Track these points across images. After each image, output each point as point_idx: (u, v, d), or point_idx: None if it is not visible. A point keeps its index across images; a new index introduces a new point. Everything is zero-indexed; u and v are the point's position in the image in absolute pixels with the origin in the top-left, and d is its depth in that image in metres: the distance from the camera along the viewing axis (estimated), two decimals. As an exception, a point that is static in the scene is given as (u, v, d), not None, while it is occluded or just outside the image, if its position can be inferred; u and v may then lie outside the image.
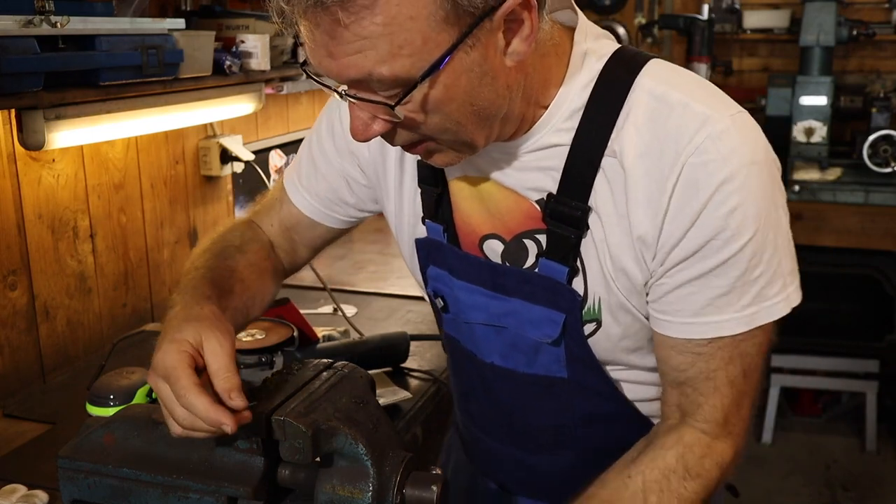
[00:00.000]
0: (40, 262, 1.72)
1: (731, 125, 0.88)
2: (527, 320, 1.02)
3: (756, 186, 0.88)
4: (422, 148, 0.91)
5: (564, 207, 0.94)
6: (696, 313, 0.93)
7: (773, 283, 0.92)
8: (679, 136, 0.88)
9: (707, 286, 0.91)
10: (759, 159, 0.89)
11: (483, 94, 0.85)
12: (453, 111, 0.85)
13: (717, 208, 0.87)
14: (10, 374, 1.66)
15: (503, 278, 1.02)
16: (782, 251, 0.93)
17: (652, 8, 3.89)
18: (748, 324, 0.93)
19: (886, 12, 3.61)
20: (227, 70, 1.91)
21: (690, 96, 0.90)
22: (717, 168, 0.87)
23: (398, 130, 0.88)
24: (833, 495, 3.28)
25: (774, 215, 0.91)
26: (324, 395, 0.91)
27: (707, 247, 0.89)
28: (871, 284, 3.34)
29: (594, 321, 1.00)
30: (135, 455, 0.95)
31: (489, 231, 1.03)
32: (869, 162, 3.21)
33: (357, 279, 2.34)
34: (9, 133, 1.61)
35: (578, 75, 0.93)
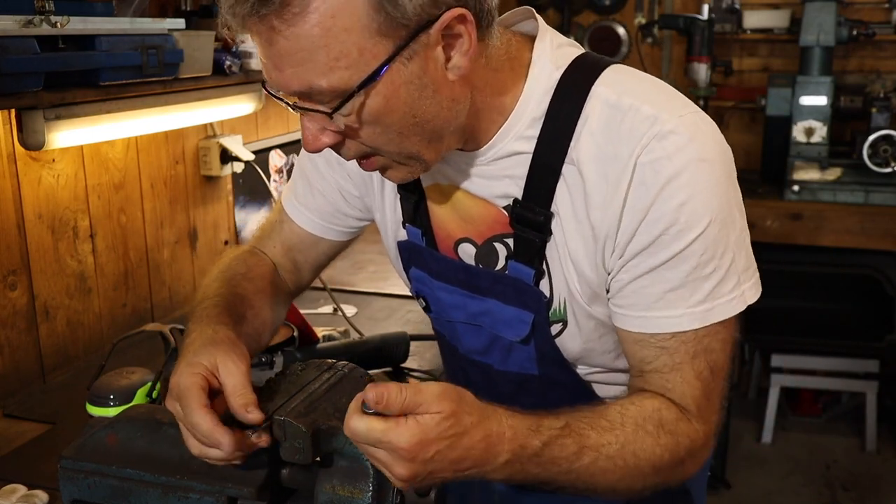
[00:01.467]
0: (40, 262, 1.72)
1: (679, 125, 0.91)
2: (500, 320, 1.06)
3: (705, 182, 0.91)
4: (373, 162, 0.94)
5: (529, 213, 0.98)
6: (650, 307, 0.95)
7: (727, 280, 0.95)
8: (630, 138, 0.91)
9: (659, 279, 0.94)
10: (709, 157, 0.92)
11: (425, 106, 0.88)
12: (394, 123, 0.88)
13: (665, 202, 0.90)
14: (10, 374, 1.66)
15: (477, 279, 1.07)
16: (736, 248, 0.95)
17: (652, 8, 3.89)
18: (702, 320, 0.95)
19: (886, 12, 3.61)
20: (227, 70, 1.91)
21: (641, 100, 0.93)
22: (663, 165, 0.90)
23: (346, 143, 0.91)
24: (833, 495, 3.28)
25: (727, 212, 0.93)
26: (324, 395, 0.92)
27: (658, 240, 0.92)
28: (871, 284, 3.33)
29: (560, 321, 1.04)
30: (138, 455, 0.95)
31: (462, 235, 1.08)
32: (869, 162, 3.20)
33: (357, 279, 2.34)
34: (9, 133, 1.61)
35: (538, 85, 0.96)
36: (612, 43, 3.92)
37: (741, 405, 3.83)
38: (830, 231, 3.25)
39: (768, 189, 3.46)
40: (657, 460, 0.94)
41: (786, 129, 3.42)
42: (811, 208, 3.27)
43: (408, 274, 1.18)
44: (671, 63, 3.94)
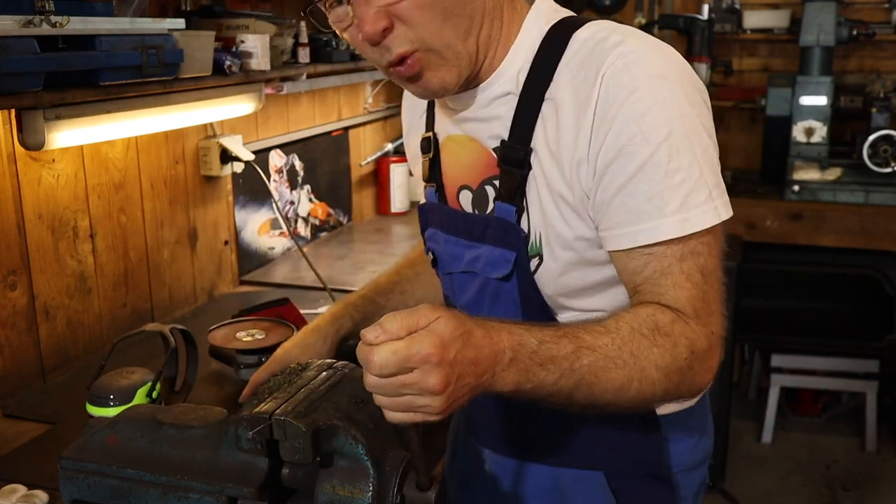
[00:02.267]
0: (40, 262, 1.72)
1: (641, 46, 0.99)
2: (488, 262, 1.12)
3: (664, 96, 0.96)
4: (415, 60, 1.01)
5: (510, 151, 1.07)
6: (632, 221, 0.99)
7: (698, 190, 0.97)
8: (598, 62, 0.99)
9: (634, 192, 0.98)
10: (669, 75, 0.98)
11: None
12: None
13: (627, 113, 0.96)
14: (10, 374, 1.66)
15: (472, 225, 1.15)
16: (703, 163, 0.98)
17: (652, 8, 3.89)
18: (682, 229, 0.97)
19: (886, 12, 3.61)
20: (227, 70, 1.91)
21: (613, 32, 1.02)
22: (625, 80, 0.97)
23: (396, 27, 0.98)
24: (833, 495, 3.28)
25: (689, 125, 0.97)
26: (324, 395, 0.92)
27: (624, 150, 0.97)
28: (871, 284, 3.34)
29: (537, 255, 1.09)
30: (138, 456, 0.95)
31: (462, 182, 1.16)
32: (869, 162, 3.21)
33: (357, 279, 2.34)
34: (9, 133, 1.61)
35: (530, 34, 1.07)
36: (612, 43, 3.91)
37: (741, 405, 3.83)
38: (830, 231, 3.25)
39: (768, 189, 3.46)
40: (658, 360, 0.95)
41: (786, 129, 3.43)
42: (811, 208, 3.27)
43: (424, 235, 1.27)
44: (671, 63, 3.93)
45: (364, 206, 3.19)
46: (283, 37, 2.22)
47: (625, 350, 0.94)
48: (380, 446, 0.88)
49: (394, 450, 0.89)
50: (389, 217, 3.21)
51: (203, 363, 1.57)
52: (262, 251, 2.51)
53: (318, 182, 2.80)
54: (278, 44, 2.18)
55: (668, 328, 0.96)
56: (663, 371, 0.95)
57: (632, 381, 0.94)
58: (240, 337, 1.67)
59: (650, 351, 0.95)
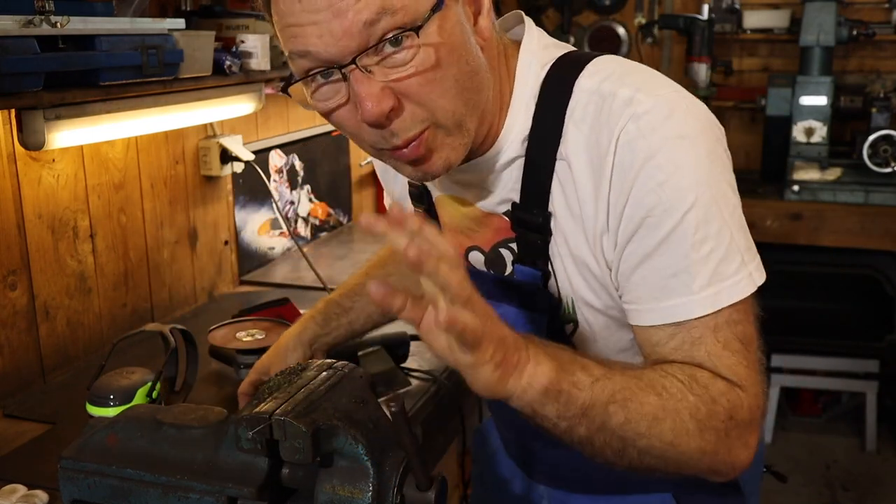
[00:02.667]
0: (40, 262, 1.72)
1: (655, 103, 0.89)
2: (514, 324, 1.01)
3: (685, 160, 0.88)
4: (423, 140, 0.90)
5: (527, 216, 0.99)
6: (655, 297, 0.91)
7: (729, 259, 0.89)
8: (609, 123, 0.90)
9: (657, 267, 0.90)
10: (688, 133, 0.89)
11: (474, 53, 0.90)
12: (453, 63, 0.87)
13: (645, 183, 0.88)
14: (10, 374, 1.66)
15: (488, 285, 1.06)
16: (733, 226, 0.90)
17: (652, 8, 3.89)
18: (712, 305, 0.89)
19: (886, 12, 3.61)
20: (227, 70, 1.91)
21: (620, 84, 0.92)
22: (640, 146, 0.88)
23: (405, 108, 0.88)
24: (833, 495, 3.28)
25: (715, 188, 0.89)
26: (324, 395, 0.91)
27: (645, 224, 0.89)
28: (871, 284, 3.33)
29: (571, 321, 1.03)
30: (138, 456, 0.95)
31: (470, 244, 1.10)
32: (869, 162, 3.20)
33: (357, 279, 2.34)
34: (9, 133, 1.61)
35: (526, 85, 0.97)
36: (612, 43, 3.91)
37: (741, 405, 3.83)
38: (830, 231, 3.25)
39: (768, 189, 3.46)
40: (694, 410, 0.86)
41: (786, 129, 3.43)
42: (811, 208, 3.27)
43: None
44: (671, 63, 3.94)
45: (364, 206, 3.19)
46: (283, 37, 2.22)
47: (657, 383, 0.87)
48: (380, 446, 0.88)
49: (394, 450, 0.89)
50: (389, 217, 3.20)
51: (203, 363, 1.57)
52: (262, 251, 2.51)
53: (318, 182, 2.80)
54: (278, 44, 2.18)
55: (706, 381, 0.88)
56: (699, 425, 0.86)
57: (666, 416, 0.85)
58: (240, 337, 1.67)
59: (683, 396, 0.86)
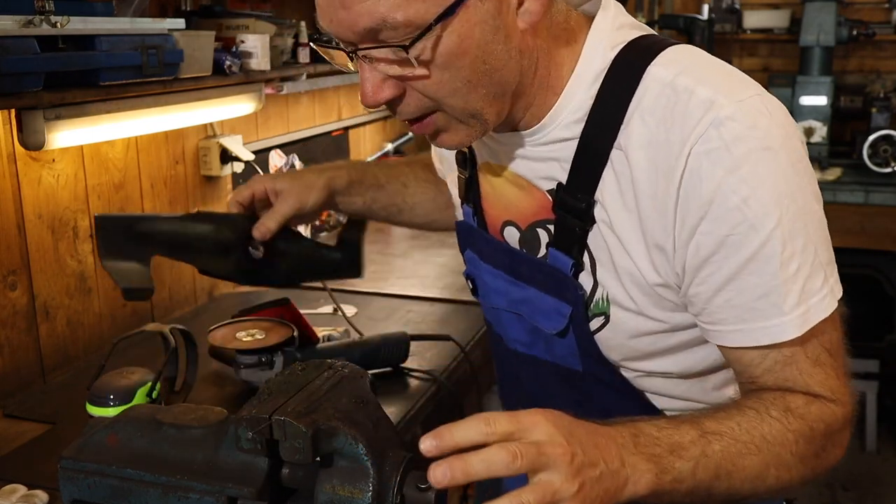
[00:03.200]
0: (40, 262, 1.72)
1: (738, 110, 0.83)
2: (538, 310, 1.02)
3: (769, 173, 0.83)
4: (429, 123, 0.90)
5: (571, 199, 0.93)
6: (743, 319, 0.87)
7: (814, 276, 0.86)
8: (683, 124, 0.84)
9: (744, 288, 0.85)
10: (773, 145, 0.83)
11: (496, 52, 0.84)
12: (465, 67, 0.84)
13: (726, 199, 0.82)
14: (10, 374, 1.66)
15: (519, 264, 1.03)
16: (817, 240, 0.87)
17: (652, 8, 3.89)
18: (801, 326, 0.86)
19: (886, 12, 3.61)
20: (227, 70, 1.91)
21: (699, 81, 0.85)
22: (720, 157, 0.82)
23: (408, 94, 0.87)
24: (833, 495, 3.28)
25: (800, 202, 0.85)
26: (324, 395, 0.91)
27: (727, 242, 0.84)
28: (871, 284, 3.34)
29: (602, 315, 0.97)
30: (138, 456, 0.95)
31: (507, 218, 1.05)
32: (869, 162, 3.21)
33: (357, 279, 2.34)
34: (9, 133, 1.61)
35: (591, 65, 0.91)
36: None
37: (741, 405, 3.83)
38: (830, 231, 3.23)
39: (768, 189, 3.46)
40: (793, 446, 0.85)
41: (786, 129, 3.43)
42: (811, 208, 3.27)
43: (464, 256, 1.17)
44: (671, 63, 3.94)
45: (364, 206, 3.19)
46: (283, 37, 2.22)
47: (755, 434, 0.84)
48: (380, 446, 0.88)
49: (394, 450, 0.89)
50: (389, 217, 3.20)
51: (203, 363, 1.57)
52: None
53: (318, 182, 2.80)
54: (278, 44, 2.18)
55: (802, 410, 0.87)
56: (799, 457, 0.86)
57: (769, 468, 0.84)
58: (240, 337, 1.67)
59: (784, 436, 0.85)
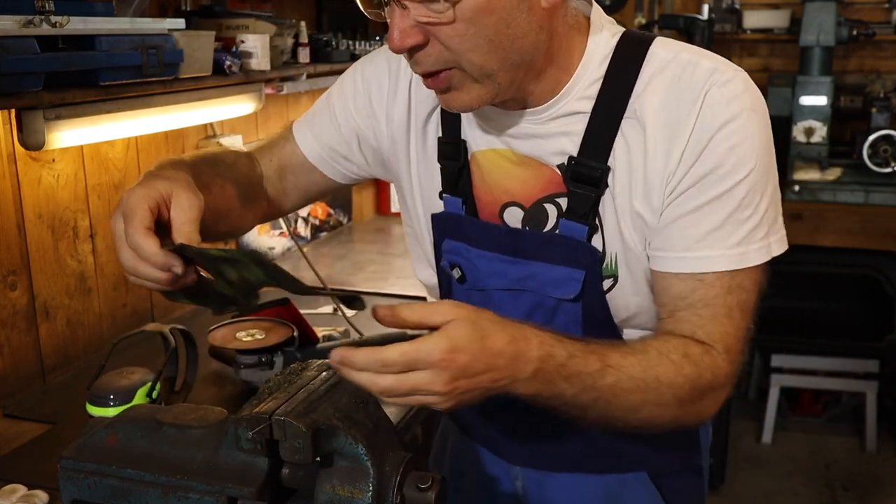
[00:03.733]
0: (40, 262, 1.72)
1: (735, 76, 0.98)
2: (548, 280, 1.08)
3: (755, 130, 0.97)
4: (444, 78, 0.95)
5: (584, 168, 1.02)
6: (690, 247, 0.99)
7: (760, 227, 0.99)
8: (692, 87, 0.97)
9: (702, 220, 0.98)
10: (759, 109, 0.98)
11: (519, 20, 0.92)
12: (489, 26, 0.90)
13: (719, 144, 0.96)
14: (10, 374, 1.66)
15: (523, 242, 1.08)
16: (770, 199, 1.00)
17: (652, 8, 3.89)
18: (738, 262, 0.99)
19: (886, 12, 3.61)
20: (227, 70, 1.91)
21: (699, 56, 1.00)
22: (721, 110, 0.96)
23: (431, 43, 0.92)
24: (833, 495, 3.28)
25: (768, 162, 0.99)
26: (324, 395, 0.91)
27: (706, 179, 0.97)
28: (871, 284, 3.34)
29: (612, 276, 1.06)
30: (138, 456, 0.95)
31: (508, 200, 1.10)
32: (869, 162, 3.21)
33: (357, 279, 2.34)
34: (9, 133, 1.61)
35: (598, 49, 1.02)
36: (612, 43, 3.91)
37: (741, 405, 3.83)
38: (830, 231, 3.25)
39: (768, 189, 3.46)
40: (679, 389, 0.96)
41: (786, 129, 3.42)
42: (811, 208, 3.27)
43: (439, 248, 1.18)
44: (671, 63, 3.94)
45: (364, 206, 3.19)
46: (283, 37, 2.22)
47: (650, 374, 0.94)
48: (380, 446, 0.88)
49: (394, 450, 0.89)
50: (389, 217, 3.21)
51: (203, 363, 1.58)
52: (262, 251, 2.51)
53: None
54: (278, 44, 2.18)
55: (697, 358, 0.98)
56: (681, 400, 0.97)
57: (646, 405, 0.95)
58: (240, 337, 1.67)
59: (674, 379, 0.96)
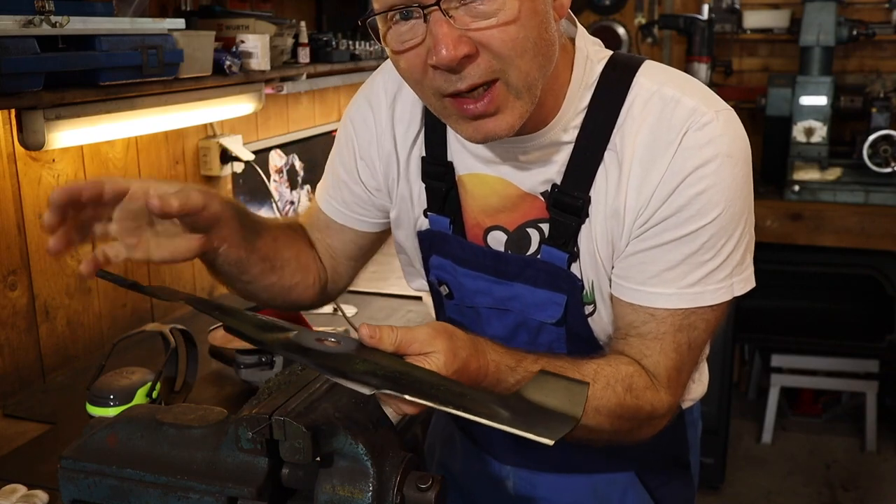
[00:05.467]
0: (40, 262, 1.72)
1: (715, 118, 0.97)
2: (531, 303, 1.09)
3: (727, 175, 0.97)
4: (491, 98, 0.92)
5: (567, 198, 1.03)
6: (645, 282, 1.01)
7: (721, 269, 1.00)
8: (671, 126, 0.97)
9: (659, 258, 1.00)
10: (735, 154, 0.97)
11: (550, 27, 0.93)
12: (535, 27, 0.90)
13: (687, 189, 0.96)
14: (10, 374, 1.66)
15: (505, 265, 1.10)
16: (737, 243, 1.00)
17: (652, 8, 3.89)
18: (691, 302, 1.00)
19: (886, 12, 3.61)
20: (227, 70, 1.91)
21: (682, 91, 0.99)
22: (693, 154, 0.96)
23: (480, 54, 0.89)
24: (833, 495, 3.28)
25: (738, 208, 0.99)
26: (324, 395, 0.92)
27: (669, 220, 0.98)
28: (871, 284, 3.33)
29: (591, 304, 1.08)
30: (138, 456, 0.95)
31: (493, 223, 1.11)
32: (869, 162, 3.20)
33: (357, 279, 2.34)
34: (9, 133, 1.61)
35: (582, 78, 1.02)
36: (612, 43, 3.91)
37: (741, 405, 3.83)
38: (830, 231, 3.25)
39: (768, 189, 3.46)
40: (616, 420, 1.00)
41: (786, 129, 3.42)
42: (811, 208, 3.27)
43: (427, 262, 1.20)
44: (671, 63, 3.94)
45: (364, 206, 3.19)
46: (283, 37, 2.22)
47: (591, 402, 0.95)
48: (380, 446, 0.88)
49: (394, 450, 0.89)
50: (389, 217, 3.21)
51: (203, 363, 1.58)
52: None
53: (318, 182, 2.80)
54: (278, 44, 2.18)
55: (640, 392, 1.01)
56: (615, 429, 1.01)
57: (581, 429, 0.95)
58: (240, 337, 1.67)
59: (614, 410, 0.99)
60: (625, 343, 1.05)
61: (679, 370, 1.04)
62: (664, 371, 1.03)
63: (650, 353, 1.03)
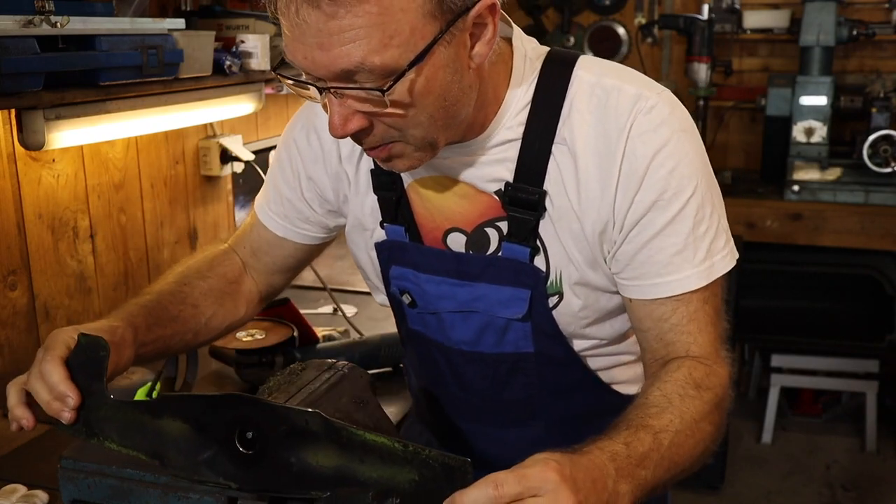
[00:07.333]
0: (40, 262, 1.72)
1: (659, 100, 1.01)
2: (495, 301, 1.10)
3: (688, 150, 1.00)
4: (386, 150, 0.96)
5: (521, 193, 1.04)
6: (660, 273, 1.03)
7: (718, 237, 1.04)
8: (618, 115, 1.00)
9: (664, 246, 1.02)
10: (687, 128, 1.02)
11: (454, 91, 0.93)
12: (429, 105, 0.91)
13: (656, 171, 0.99)
14: (10, 374, 1.65)
15: (467, 266, 1.11)
16: (720, 210, 1.05)
17: (652, 8, 3.88)
18: (707, 277, 1.03)
19: (886, 12, 3.60)
20: (227, 70, 1.91)
21: (621, 80, 1.02)
22: (650, 137, 0.99)
23: (374, 126, 0.92)
24: (833, 495, 3.28)
25: (707, 175, 1.03)
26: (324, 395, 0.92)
27: (654, 207, 1.00)
28: (871, 284, 3.33)
29: (557, 294, 1.09)
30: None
31: (450, 226, 1.11)
32: (869, 162, 3.20)
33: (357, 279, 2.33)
34: (9, 133, 1.61)
35: (522, 76, 1.03)
36: (612, 43, 3.91)
37: (741, 405, 3.83)
38: (830, 231, 3.25)
39: (768, 189, 3.46)
40: (710, 416, 1.00)
41: (786, 129, 3.42)
42: (811, 208, 3.27)
43: (387, 274, 1.20)
44: (671, 63, 3.94)
45: (364, 206, 3.19)
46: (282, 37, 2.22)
47: (686, 419, 0.96)
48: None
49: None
50: (389, 217, 3.20)
51: (203, 363, 1.57)
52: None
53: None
54: (278, 44, 2.18)
55: (706, 381, 1.02)
56: (714, 424, 1.01)
57: (699, 443, 0.98)
58: (240, 337, 1.67)
59: (701, 409, 0.99)
60: (664, 345, 1.06)
61: (719, 338, 1.07)
62: (710, 346, 1.05)
63: (692, 337, 1.05)
